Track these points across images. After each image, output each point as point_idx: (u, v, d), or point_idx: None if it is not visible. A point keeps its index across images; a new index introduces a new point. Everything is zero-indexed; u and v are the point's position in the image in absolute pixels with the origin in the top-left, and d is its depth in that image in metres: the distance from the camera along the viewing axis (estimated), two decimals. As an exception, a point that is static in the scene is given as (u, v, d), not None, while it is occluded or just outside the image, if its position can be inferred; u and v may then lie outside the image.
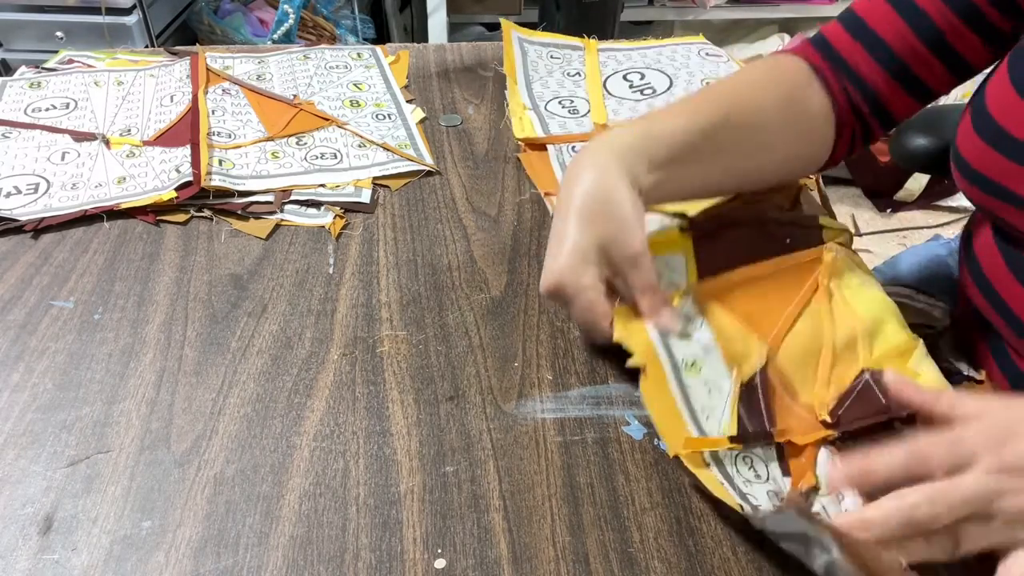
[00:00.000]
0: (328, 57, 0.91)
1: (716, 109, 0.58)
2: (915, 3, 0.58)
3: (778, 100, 0.60)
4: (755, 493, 0.43)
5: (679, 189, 0.57)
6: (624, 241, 0.50)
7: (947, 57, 0.59)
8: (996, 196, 0.53)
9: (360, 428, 0.47)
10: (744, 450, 0.46)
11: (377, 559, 0.40)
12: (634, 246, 0.50)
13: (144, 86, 0.83)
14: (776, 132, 0.60)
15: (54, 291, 0.57)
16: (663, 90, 0.84)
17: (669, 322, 0.50)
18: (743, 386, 0.49)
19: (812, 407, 0.49)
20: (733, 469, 0.45)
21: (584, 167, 0.52)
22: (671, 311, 0.51)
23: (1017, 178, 0.51)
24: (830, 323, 0.54)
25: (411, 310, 0.56)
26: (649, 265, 0.50)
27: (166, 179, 0.68)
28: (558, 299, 0.51)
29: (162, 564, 0.40)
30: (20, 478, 0.44)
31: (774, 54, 0.66)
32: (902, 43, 0.59)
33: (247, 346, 0.53)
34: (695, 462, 0.44)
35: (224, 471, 0.44)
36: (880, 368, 0.50)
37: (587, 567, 0.40)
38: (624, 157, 0.52)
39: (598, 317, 0.50)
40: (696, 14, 2.21)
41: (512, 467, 0.45)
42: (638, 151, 0.53)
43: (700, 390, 0.48)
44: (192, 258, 0.61)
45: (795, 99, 0.60)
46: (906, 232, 2.02)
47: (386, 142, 0.75)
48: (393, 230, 0.65)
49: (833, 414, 0.48)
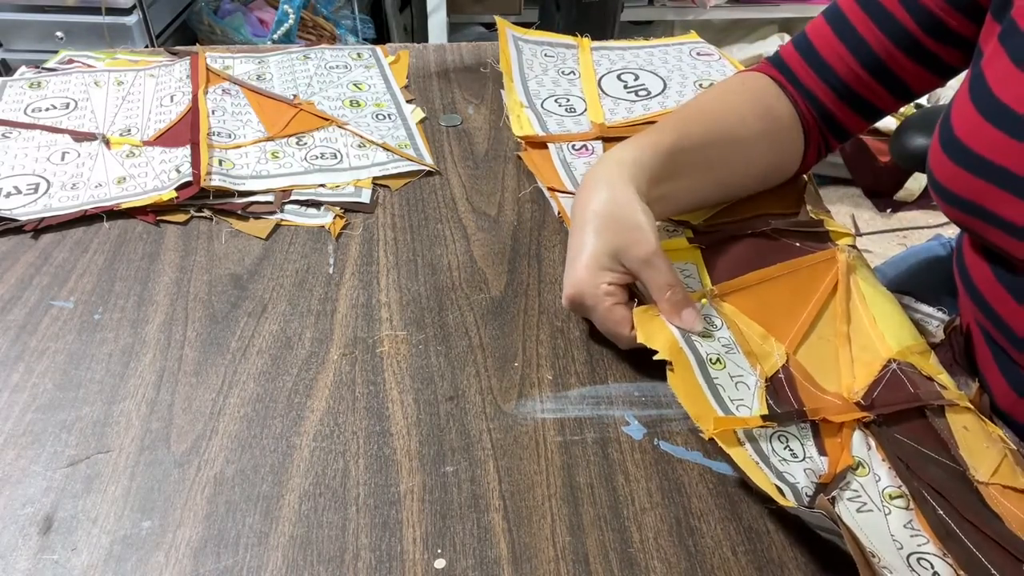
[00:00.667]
0: (328, 57, 0.91)
1: (704, 124, 0.61)
2: (856, 30, 0.61)
3: (756, 112, 0.63)
4: (792, 471, 0.44)
5: (675, 203, 0.60)
6: (638, 245, 0.51)
7: (887, 82, 0.62)
8: (972, 215, 0.54)
9: (360, 428, 0.47)
10: (778, 428, 0.46)
11: (377, 559, 0.40)
12: (648, 248, 0.51)
13: (144, 86, 0.83)
14: (757, 143, 0.63)
15: (54, 291, 0.57)
16: (657, 92, 0.84)
17: (692, 320, 0.51)
18: (768, 380, 0.50)
19: (841, 394, 0.50)
20: (768, 447, 0.45)
21: (595, 182, 0.54)
22: (693, 308, 0.51)
23: (989, 197, 0.51)
24: (846, 322, 0.54)
25: (411, 310, 0.56)
26: (666, 265, 0.51)
27: (166, 179, 0.68)
28: (580, 309, 0.53)
29: (162, 564, 0.40)
30: (20, 478, 0.44)
31: (739, 73, 0.71)
32: (845, 67, 0.62)
33: (247, 346, 0.53)
34: (728, 441, 0.45)
35: (224, 471, 0.44)
36: (906, 360, 0.51)
37: (587, 567, 0.40)
38: (630, 170, 0.55)
39: (618, 324, 0.51)
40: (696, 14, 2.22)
41: (512, 467, 0.45)
42: (641, 165, 0.55)
43: (727, 382, 0.49)
44: (192, 258, 0.61)
45: (770, 112, 0.64)
46: (906, 232, 2.02)
47: (386, 142, 0.75)
48: (393, 230, 0.65)
49: (867, 397, 0.49)
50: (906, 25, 0.58)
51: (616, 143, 0.59)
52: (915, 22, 0.58)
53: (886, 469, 0.45)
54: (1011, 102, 0.50)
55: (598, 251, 0.51)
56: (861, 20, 0.61)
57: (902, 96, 0.63)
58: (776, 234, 0.63)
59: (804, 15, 2.23)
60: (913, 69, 0.60)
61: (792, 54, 0.66)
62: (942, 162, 0.55)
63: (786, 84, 0.66)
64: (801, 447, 0.45)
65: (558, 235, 0.65)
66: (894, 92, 0.62)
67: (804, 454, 0.45)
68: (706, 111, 0.63)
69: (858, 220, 2.06)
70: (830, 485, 0.43)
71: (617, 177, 0.54)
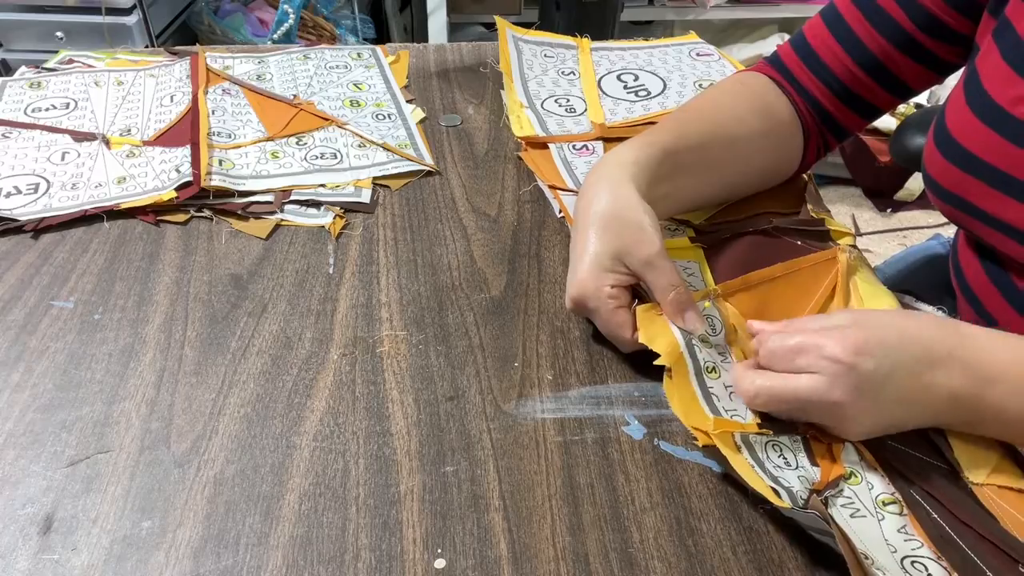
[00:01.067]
0: (328, 57, 0.91)
1: (703, 124, 0.61)
2: (852, 29, 0.61)
3: (755, 112, 0.63)
4: (787, 477, 0.44)
5: (676, 202, 0.60)
6: (640, 246, 0.51)
7: (884, 80, 0.62)
8: (962, 210, 0.55)
9: (360, 428, 0.47)
10: (772, 437, 0.46)
11: (377, 559, 0.40)
12: (651, 249, 0.51)
13: (144, 86, 0.83)
14: (756, 142, 0.63)
15: (54, 291, 0.57)
16: (657, 92, 0.84)
17: (694, 322, 0.51)
18: None
19: None
20: (763, 454, 0.45)
21: (596, 183, 0.54)
22: (695, 310, 0.51)
23: (977, 192, 0.52)
24: None
25: (411, 310, 0.56)
26: (669, 266, 0.51)
27: (166, 179, 0.68)
28: (583, 311, 0.53)
29: (162, 564, 0.40)
30: (20, 478, 0.44)
31: (737, 73, 0.72)
32: (842, 67, 0.63)
33: (247, 346, 0.53)
34: (727, 444, 0.45)
35: (224, 471, 0.44)
36: None
37: (587, 567, 0.40)
38: (631, 171, 0.55)
39: (620, 327, 0.51)
40: (696, 14, 2.22)
41: (512, 467, 0.45)
42: (642, 166, 0.55)
43: (722, 391, 0.49)
44: (192, 258, 0.61)
45: (769, 111, 0.64)
46: (906, 232, 2.02)
47: (386, 142, 0.75)
48: (393, 230, 0.65)
49: None
50: (902, 24, 0.58)
51: (617, 143, 0.59)
52: (911, 20, 0.58)
53: (879, 476, 0.45)
54: (1000, 100, 0.51)
55: (601, 253, 0.51)
56: (857, 20, 0.61)
57: (900, 94, 0.63)
58: (777, 232, 0.63)
59: (804, 15, 2.23)
60: (910, 67, 0.61)
61: (790, 54, 0.66)
62: (934, 156, 0.55)
63: (784, 84, 0.66)
64: (794, 457, 0.46)
65: (558, 235, 0.65)
66: (892, 90, 0.63)
67: (797, 463, 0.45)
68: (704, 111, 0.64)
69: (858, 220, 2.06)
70: (823, 490, 0.44)
71: (618, 178, 0.54)
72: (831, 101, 0.64)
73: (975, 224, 0.54)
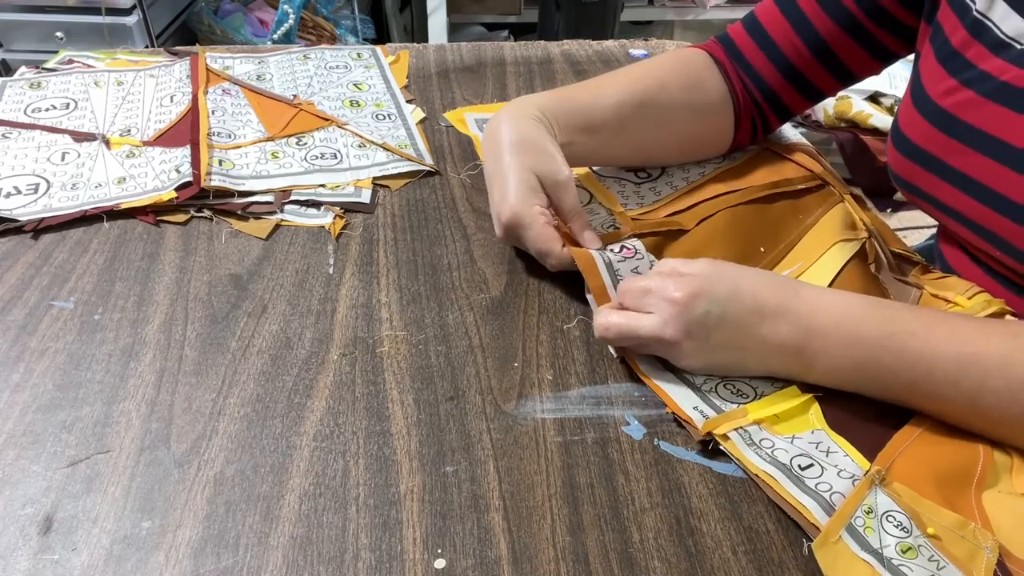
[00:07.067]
0: (328, 57, 0.91)
1: (622, 86, 0.65)
2: (802, 11, 0.64)
3: (679, 82, 0.67)
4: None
5: (585, 156, 0.65)
6: (554, 168, 0.57)
7: (829, 63, 0.65)
8: (924, 201, 0.59)
9: (360, 428, 0.47)
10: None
11: (377, 559, 0.40)
12: (563, 172, 0.57)
13: (144, 86, 0.83)
14: (676, 111, 0.67)
15: (54, 291, 0.57)
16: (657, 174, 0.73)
17: (592, 240, 0.58)
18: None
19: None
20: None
21: (503, 120, 0.60)
22: (592, 231, 0.58)
23: (924, 180, 0.57)
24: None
25: (411, 310, 0.56)
26: (575, 191, 0.58)
27: (166, 179, 0.68)
28: (514, 233, 0.57)
29: (162, 564, 0.40)
30: (20, 478, 0.44)
31: (678, 49, 0.75)
32: (790, 46, 0.66)
33: (247, 346, 0.53)
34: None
35: (224, 471, 0.44)
36: None
37: (587, 567, 0.40)
38: (535, 114, 0.60)
39: (552, 239, 0.55)
40: (696, 14, 2.22)
41: (512, 467, 0.45)
42: (549, 112, 0.61)
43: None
44: (192, 258, 0.61)
45: (696, 84, 0.68)
46: (906, 232, 2.02)
47: (386, 142, 0.75)
48: (393, 230, 0.65)
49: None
50: (851, 9, 0.62)
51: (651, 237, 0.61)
52: (858, 5, 0.61)
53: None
54: (932, 94, 0.56)
55: (525, 174, 0.56)
56: (808, 2, 0.64)
57: (843, 78, 0.66)
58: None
59: (804, 15, 2.22)
60: (856, 52, 0.64)
61: (739, 32, 0.69)
62: (892, 152, 0.60)
63: (726, 62, 0.69)
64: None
65: (558, 235, 0.65)
66: (835, 74, 0.66)
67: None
68: (629, 74, 0.67)
69: (858, 220, 2.06)
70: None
71: (524, 117, 0.59)
72: (776, 79, 0.67)
73: (932, 211, 0.59)
